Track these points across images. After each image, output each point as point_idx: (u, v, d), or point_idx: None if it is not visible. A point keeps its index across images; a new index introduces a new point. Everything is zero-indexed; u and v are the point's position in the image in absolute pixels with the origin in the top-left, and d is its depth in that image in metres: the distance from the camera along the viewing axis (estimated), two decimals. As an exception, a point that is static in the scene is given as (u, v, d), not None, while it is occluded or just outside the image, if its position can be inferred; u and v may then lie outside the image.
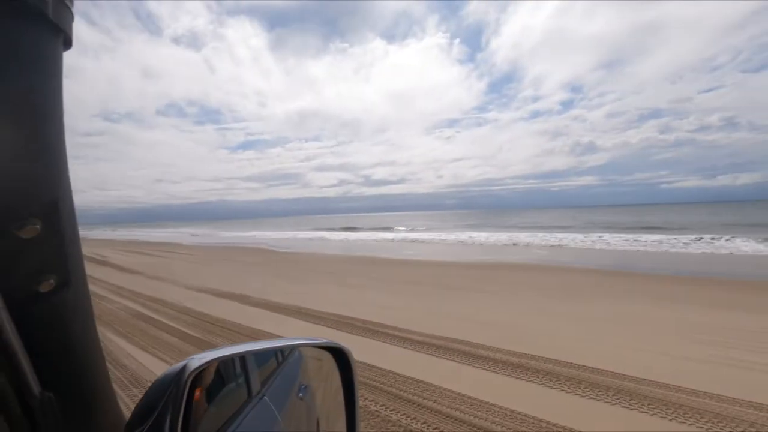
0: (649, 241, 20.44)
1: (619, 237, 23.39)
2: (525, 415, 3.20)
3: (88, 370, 0.52)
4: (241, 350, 0.75)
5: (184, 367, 0.58)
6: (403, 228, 49.77)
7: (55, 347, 0.47)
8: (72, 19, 0.46)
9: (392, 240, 29.99)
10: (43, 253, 0.45)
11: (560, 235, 27.52)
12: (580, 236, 25.79)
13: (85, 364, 0.51)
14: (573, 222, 48.83)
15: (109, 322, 6.67)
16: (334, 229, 52.91)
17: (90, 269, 15.25)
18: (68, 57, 0.47)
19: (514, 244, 23.08)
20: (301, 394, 1.05)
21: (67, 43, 0.47)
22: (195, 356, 0.62)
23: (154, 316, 7.06)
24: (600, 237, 24.08)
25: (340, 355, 0.97)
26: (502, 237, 27.73)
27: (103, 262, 17.10)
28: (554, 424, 3.04)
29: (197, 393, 0.61)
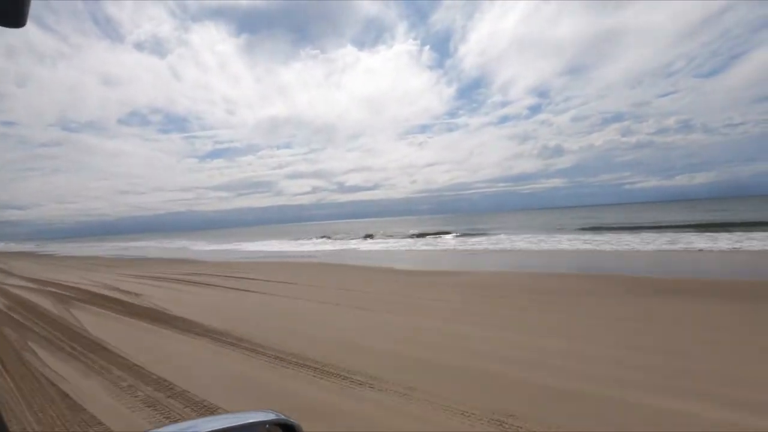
0: None
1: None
2: None
3: None
4: None
5: None
6: (416, 232, 44.65)
7: None
8: None
9: (507, 250, 22.42)
10: None
11: (669, 237, 21.81)
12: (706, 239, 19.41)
13: None
14: (596, 222, 43.32)
15: None
16: (358, 238, 44.99)
17: (140, 335, 5.86)
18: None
19: (647, 249, 16.26)
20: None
21: None
22: None
23: None
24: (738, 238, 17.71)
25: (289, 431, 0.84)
26: (599, 240, 21.12)
27: (155, 315, 8.50)
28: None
29: None
